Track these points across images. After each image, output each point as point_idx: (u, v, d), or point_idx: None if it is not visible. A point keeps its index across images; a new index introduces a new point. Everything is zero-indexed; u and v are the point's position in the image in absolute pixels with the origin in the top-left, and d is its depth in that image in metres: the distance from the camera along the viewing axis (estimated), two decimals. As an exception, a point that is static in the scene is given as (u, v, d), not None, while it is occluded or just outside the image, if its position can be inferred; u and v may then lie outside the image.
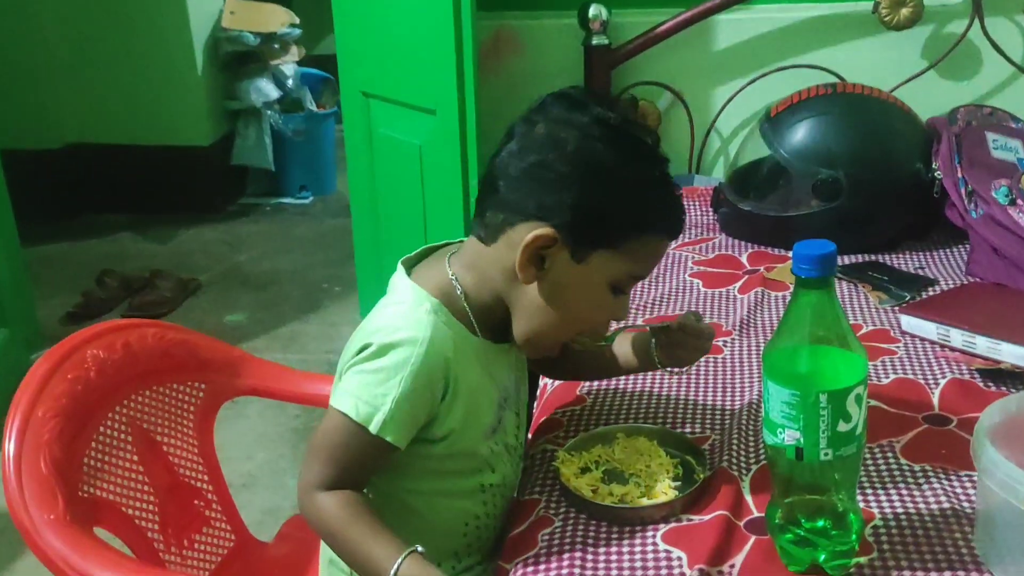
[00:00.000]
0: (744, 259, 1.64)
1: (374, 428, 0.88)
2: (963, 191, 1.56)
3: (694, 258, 1.65)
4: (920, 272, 1.55)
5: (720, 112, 2.06)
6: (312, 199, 4.04)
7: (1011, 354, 1.19)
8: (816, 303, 0.80)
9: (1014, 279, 1.43)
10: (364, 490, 0.92)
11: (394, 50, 1.99)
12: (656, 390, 1.21)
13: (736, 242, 1.71)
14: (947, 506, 0.94)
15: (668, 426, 1.12)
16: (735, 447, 1.05)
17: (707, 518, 0.94)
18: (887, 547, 0.89)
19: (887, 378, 1.21)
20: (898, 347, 1.29)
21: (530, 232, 0.90)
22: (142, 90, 3.70)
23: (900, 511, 0.94)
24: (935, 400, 1.15)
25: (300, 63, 4.01)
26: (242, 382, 1.24)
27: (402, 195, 2.07)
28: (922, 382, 1.20)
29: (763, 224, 1.67)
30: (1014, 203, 1.49)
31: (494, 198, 0.93)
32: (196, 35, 3.67)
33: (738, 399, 1.18)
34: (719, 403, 1.17)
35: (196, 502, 1.18)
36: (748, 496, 0.97)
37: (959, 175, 1.57)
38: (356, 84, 2.15)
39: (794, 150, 1.61)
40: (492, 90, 1.96)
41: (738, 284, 1.53)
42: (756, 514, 0.94)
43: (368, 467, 0.92)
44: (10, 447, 0.96)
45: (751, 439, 1.07)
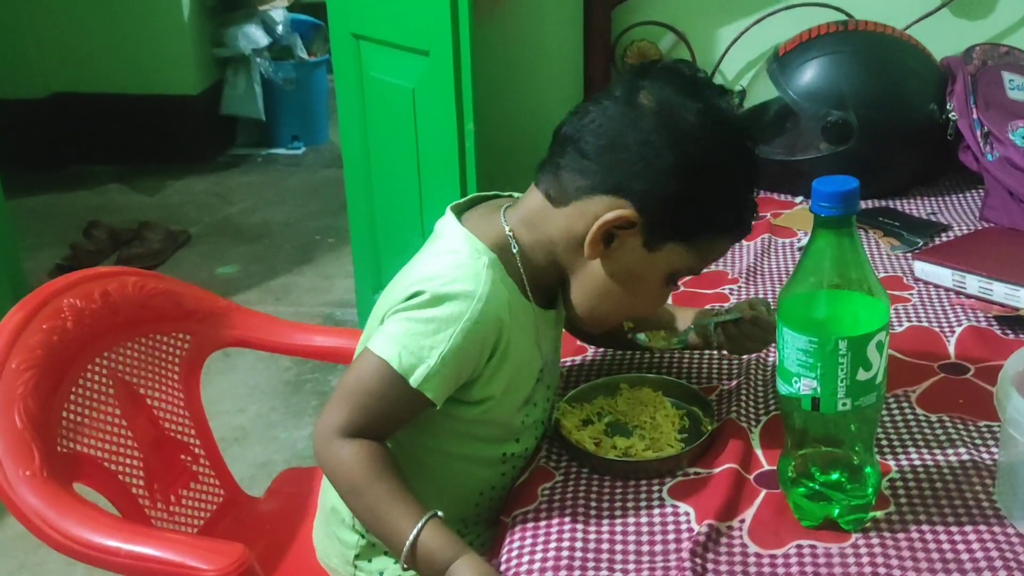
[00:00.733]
0: (750, 205, 1.58)
1: (415, 381, 0.83)
2: (978, 133, 1.50)
3: (698, 204, 1.59)
4: (932, 218, 1.50)
5: (725, 53, 1.98)
6: (304, 150, 3.96)
7: (1030, 301, 1.15)
8: (836, 244, 0.75)
9: (1031, 224, 1.38)
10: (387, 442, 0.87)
11: (385, -11, 1.90)
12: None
13: (741, 188, 1.65)
14: (966, 458, 0.90)
15: (673, 376, 1.07)
16: (743, 397, 1.01)
17: (715, 472, 0.90)
18: (904, 501, 0.85)
19: (900, 326, 1.16)
20: (911, 294, 1.25)
21: (611, 210, 0.85)
22: (128, 37, 3.60)
23: (917, 463, 0.90)
24: (951, 348, 1.10)
25: (290, 8, 3.90)
26: (229, 333, 1.19)
27: (395, 140, 2.00)
28: (937, 330, 1.15)
29: (770, 169, 1.58)
30: (1032, 145, 1.43)
31: (578, 161, 0.86)
32: (182, -21, 3.57)
33: (746, 348, 1.13)
34: (725, 353, 1.12)
35: (183, 457, 1.14)
36: (758, 448, 0.93)
37: (974, 116, 1.51)
38: (346, 26, 2.06)
39: (803, 91, 1.54)
40: (488, 30, 1.89)
41: (744, 231, 1.48)
42: (766, 467, 0.90)
43: (398, 420, 0.87)
44: (-18, 400, 0.91)
45: (760, 389, 1.03)
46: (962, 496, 0.85)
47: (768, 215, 1.53)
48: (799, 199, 1.59)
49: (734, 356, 1.11)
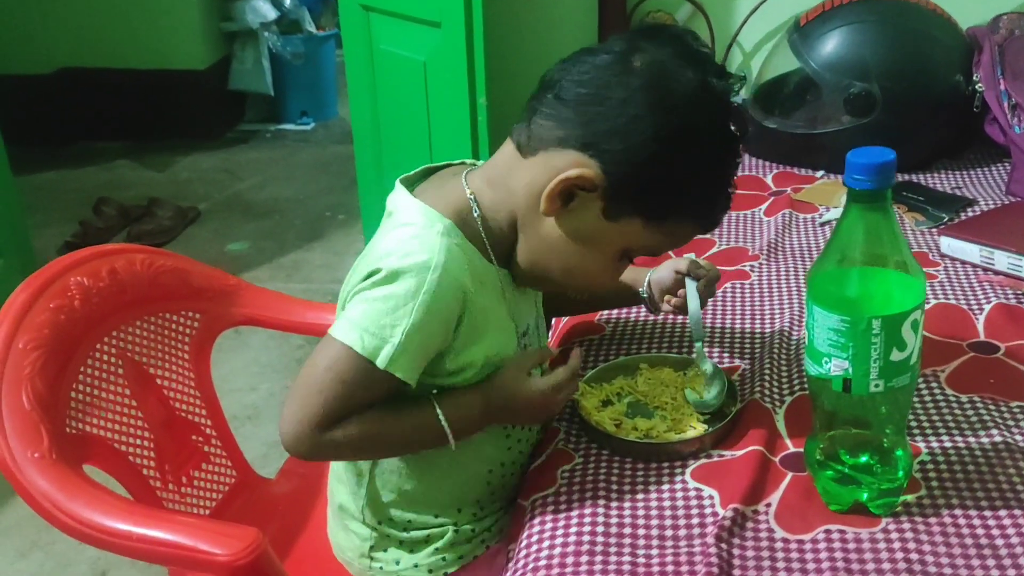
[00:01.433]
0: (769, 180, 1.55)
1: (382, 362, 0.80)
2: (1005, 105, 1.46)
3: (716, 179, 1.55)
4: (957, 192, 1.46)
5: (743, 24, 1.94)
6: (313, 125, 3.92)
7: (1062, 277, 1.11)
8: (871, 219, 0.71)
9: (1061, 198, 1.34)
10: None
11: (395, -41, 1.86)
12: (680, 317, 1.13)
13: (761, 162, 1.62)
14: (999, 439, 0.87)
15: (695, 355, 1.04)
16: (767, 377, 0.98)
17: (739, 454, 0.87)
18: (936, 484, 0.82)
19: (928, 304, 1.13)
20: (938, 271, 1.21)
21: (575, 166, 0.80)
22: (135, 11, 3.56)
23: (948, 446, 0.87)
24: (980, 326, 1.07)
25: (297, -19, 3.85)
26: (239, 311, 1.17)
27: (406, 115, 1.97)
28: (965, 307, 1.12)
29: (790, 142, 1.58)
30: (1062, 117, 1.39)
31: (555, 107, 0.81)
32: (189, -48, 3.52)
33: (768, 326, 1.11)
34: (748, 331, 1.10)
35: (194, 437, 1.12)
36: (783, 430, 0.91)
37: (1002, 88, 1.46)
38: (355, -3, 2.03)
39: (825, 62, 1.50)
40: (501, 3, 1.85)
41: (764, 206, 1.44)
42: (792, 449, 0.88)
43: (372, 401, 0.83)
44: (-11, 381, 0.89)
45: (783, 368, 1.00)
46: (995, 479, 0.82)
47: (789, 190, 1.49)
48: (820, 173, 1.55)
49: (756, 334, 1.09)
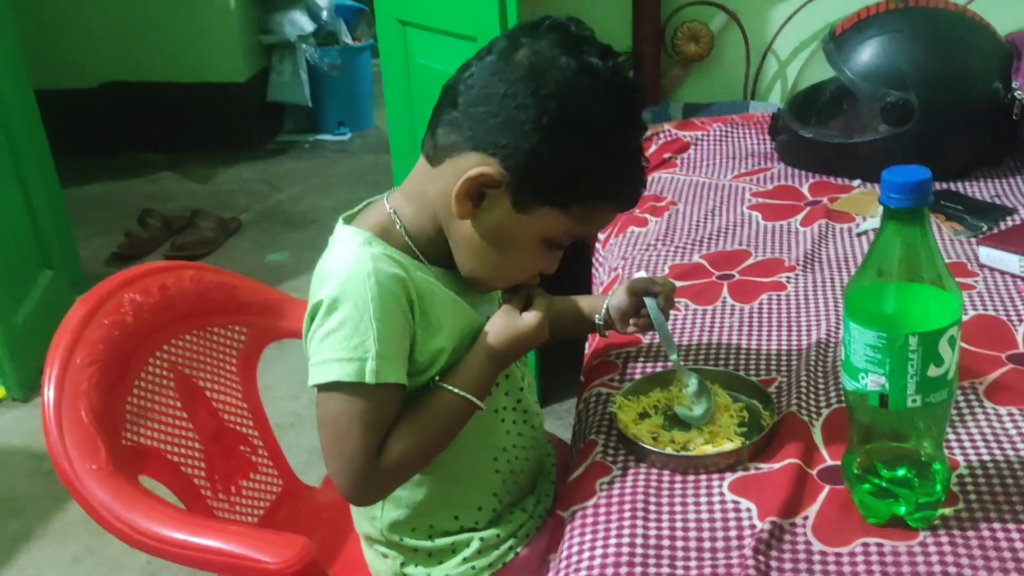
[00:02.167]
0: (805, 190, 1.55)
1: (371, 378, 0.81)
2: (1046, 112, 1.45)
3: (751, 189, 1.56)
4: (996, 201, 1.45)
5: (778, 33, 1.94)
6: (350, 135, 3.98)
7: (1103, 288, 1.11)
8: (907, 236, 0.72)
9: (1102, 207, 1.33)
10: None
11: (432, -26, 1.89)
12: (717, 329, 1.15)
13: (796, 172, 1.62)
14: (1038, 453, 0.87)
15: (731, 368, 1.06)
16: (804, 390, 0.99)
17: (776, 467, 0.88)
18: (974, 498, 0.83)
19: (966, 315, 1.13)
20: (976, 281, 1.21)
21: (476, 165, 0.82)
22: (176, 26, 3.64)
23: (987, 459, 0.87)
24: (1019, 338, 1.07)
25: (334, -6, 3.91)
26: (284, 324, 1.20)
27: (443, 128, 1.99)
28: (1004, 318, 1.12)
29: (826, 152, 1.58)
30: (1103, 124, 1.38)
31: (450, 115, 0.84)
32: (228, -33, 3.59)
33: (804, 338, 1.11)
34: (784, 343, 1.11)
35: (242, 448, 1.15)
36: (820, 443, 0.91)
37: (1041, 95, 1.46)
38: (392, 12, 2.06)
39: (861, 71, 1.50)
40: (535, 13, 1.87)
41: (800, 216, 1.45)
42: (829, 462, 0.89)
43: (394, 415, 0.86)
44: (49, 395, 0.93)
45: (820, 381, 1.01)
46: (1035, 493, 0.82)
47: (825, 200, 1.49)
48: (856, 182, 1.55)
49: (793, 346, 1.10)
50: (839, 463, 0.85)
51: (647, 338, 1.13)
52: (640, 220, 1.49)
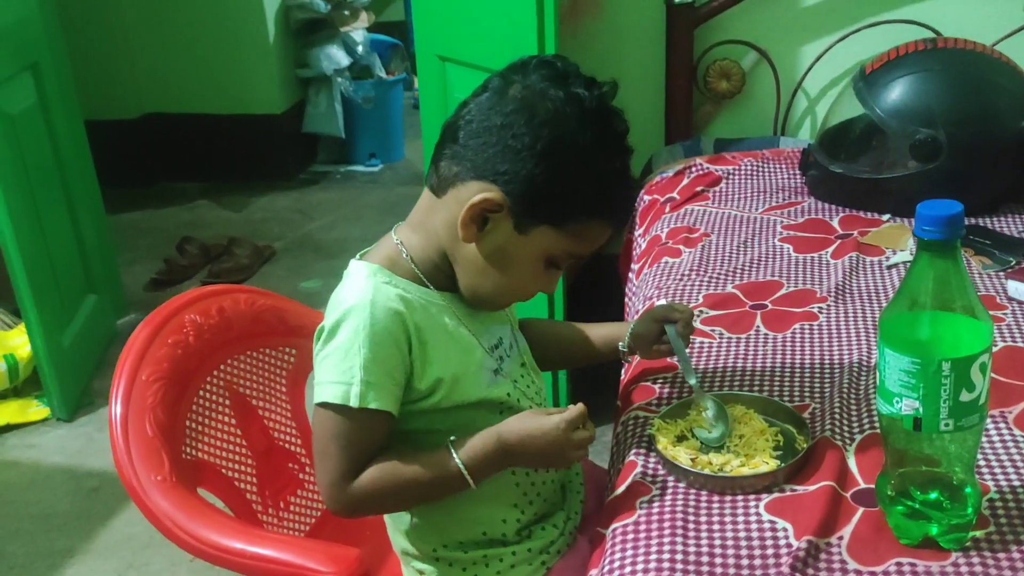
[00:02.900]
0: (835, 223, 1.59)
1: (355, 402, 0.88)
2: (1072, 150, 1.48)
3: (783, 222, 1.60)
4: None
5: (808, 71, 1.99)
6: (381, 167, 4.05)
7: None
8: (940, 267, 0.76)
9: None
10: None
11: (472, 13, 1.96)
12: (751, 357, 1.18)
13: (826, 206, 1.66)
14: (1068, 480, 0.90)
15: (765, 394, 1.09)
16: (837, 416, 1.02)
17: (812, 489, 0.91)
18: (1004, 521, 0.85)
19: (995, 347, 1.16)
20: (1005, 314, 1.24)
21: (479, 192, 0.89)
22: (216, 60, 3.74)
23: (1017, 484, 0.90)
24: (1048, 369, 1.10)
25: (369, 29, 4.00)
26: (332, 347, 1.24)
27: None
28: (1033, 350, 1.14)
29: (855, 187, 1.62)
30: None
31: (452, 149, 0.92)
32: (268, 4, 3.69)
33: (837, 367, 1.14)
34: (817, 371, 1.14)
35: (290, 465, 1.20)
36: (854, 466, 0.94)
37: (1068, 133, 1.49)
38: (431, 48, 2.13)
39: (891, 109, 1.55)
40: (569, 53, 1.92)
41: (831, 249, 1.48)
42: (863, 485, 0.92)
43: (376, 441, 0.91)
44: (117, 410, 0.98)
45: (853, 407, 1.04)
46: (1064, 518, 0.85)
47: (855, 233, 1.53)
48: (886, 217, 1.59)
49: (826, 374, 1.13)
50: (872, 486, 0.88)
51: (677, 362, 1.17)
52: (674, 251, 1.54)
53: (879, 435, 0.89)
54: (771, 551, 0.84)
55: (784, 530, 0.87)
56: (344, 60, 3.84)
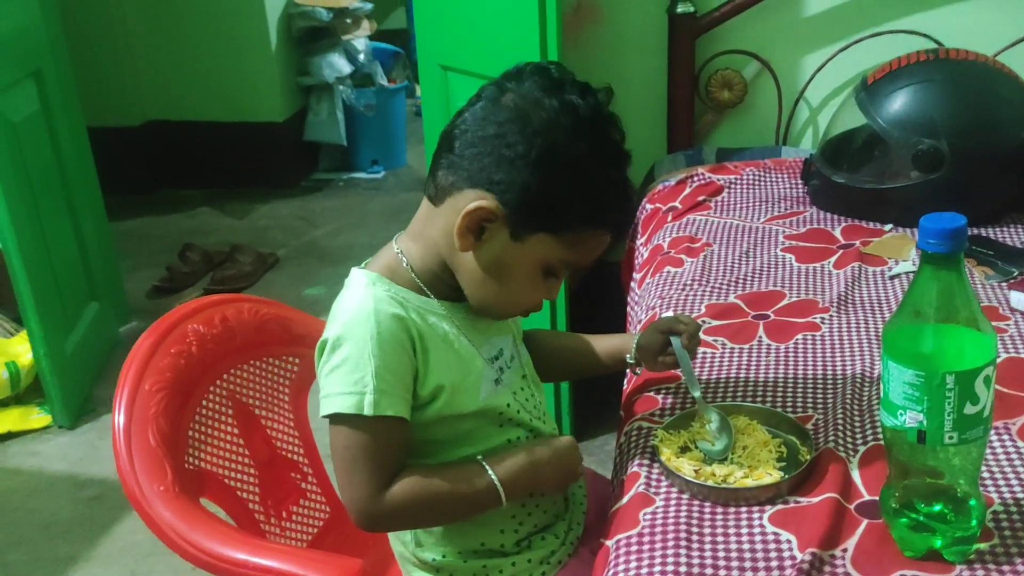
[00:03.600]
0: (838, 233, 1.59)
1: (369, 410, 0.87)
2: (1075, 161, 1.48)
3: (785, 232, 1.60)
4: (1027, 246, 1.48)
5: (809, 81, 1.99)
6: (384, 173, 4.06)
7: None
8: (943, 280, 0.76)
9: None
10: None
11: (473, 22, 1.96)
12: (754, 367, 1.18)
13: (828, 216, 1.66)
14: (1072, 492, 0.89)
15: (768, 405, 1.09)
16: (840, 427, 1.02)
17: (815, 500, 0.91)
18: (1008, 533, 0.85)
19: (998, 358, 1.15)
20: (1008, 324, 1.24)
21: (474, 201, 0.88)
22: (218, 68, 3.76)
23: (1021, 496, 0.90)
24: (1052, 381, 1.10)
25: (371, 37, 4.01)
26: (334, 357, 1.24)
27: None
28: (1036, 362, 1.14)
29: (858, 197, 1.62)
30: None
31: (448, 158, 0.92)
32: (270, 12, 3.71)
33: (840, 378, 1.14)
34: (820, 382, 1.14)
35: (293, 475, 1.20)
36: (857, 478, 0.94)
37: (1071, 144, 1.49)
38: (434, 57, 2.13)
39: (893, 119, 1.55)
40: (571, 61, 1.93)
41: (833, 259, 1.48)
42: (867, 497, 0.92)
43: (398, 448, 0.91)
44: (120, 419, 0.98)
45: (856, 419, 1.04)
46: (1069, 530, 0.85)
47: (857, 243, 1.53)
48: (888, 227, 1.59)
49: (828, 385, 1.13)
50: (876, 498, 0.88)
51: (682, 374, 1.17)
52: (676, 261, 1.54)
53: (883, 447, 0.89)
54: (775, 563, 0.84)
55: (788, 542, 0.87)
56: (346, 68, 3.85)
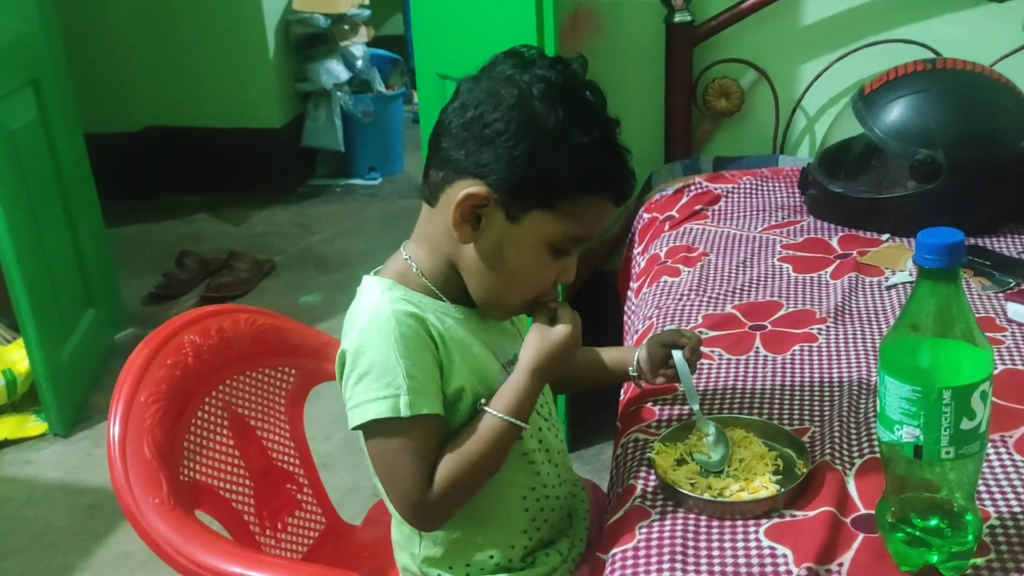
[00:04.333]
0: (835, 243, 1.59)
1: (406, 412, 0.87)
2: (1071, 171, 1.48)
3: (782, 242, 1.60)
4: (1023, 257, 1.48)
5: (807, 90, 1.99)
6: (381, 180, 4.05)
7: None
8: (941, 295, 0.76)
9: None
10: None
11: (471, 31, 1.96)
12: (750, 378, 1.18)
13: (826, 225, 1.66)
14: (1069, 506, 0.89)
15: (765, 417, 1.09)
16: (837, 440, 1.02)
17: (811, 514, 0.91)
18: (1005, 548, 0.85)
19: (995, 370, 1.15)
20: (1005, 336, 1.24)
21: (463, 190, 0.88)
22: (216, 74, 3.76)
23: (1017, 510, 0.90)
24: (1049, 393, 1.10)
25: (368, 44, 4.02)
26: (330, 367, 1.23)
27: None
28: (1033, 374, 1.14)
29: (855, 206, 1.62)
30: None
31: (436, 156, 0.92)
32: (268, 18, 3.71)
33: (836, 389, 1.14)
34: (817, 394, 1.14)
35: (288, 486, 1.19)
36: (854, 492, 0.94)
37: (1067, 154, 1.49)
38: (432, 66, 2.13)
39: (890, 129, 1.55)
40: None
41: (830, 269, 1.48)
42: (863, 511, 0.91)
43: (438, 445, 0.91)
44: (115, 431, 0.98)
45: (853, 432, 1.04)
46: (1066, 545, 0.84)
47: (854, 253, 1.53)
48: (885, 236, 1.59)
49: (825, 396, 1.13)
50: (872, 512, 0.88)
51: (681, 387, 1.16)
52: (672, 270, 1.54)
53: (879, 459, 0.89)
54: (771, 578, 0.84)
55: (784, 556, 0.86)
56: (344, 74, 3.85)
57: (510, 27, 1.81)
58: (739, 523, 0.92)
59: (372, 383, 0.87)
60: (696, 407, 1.03)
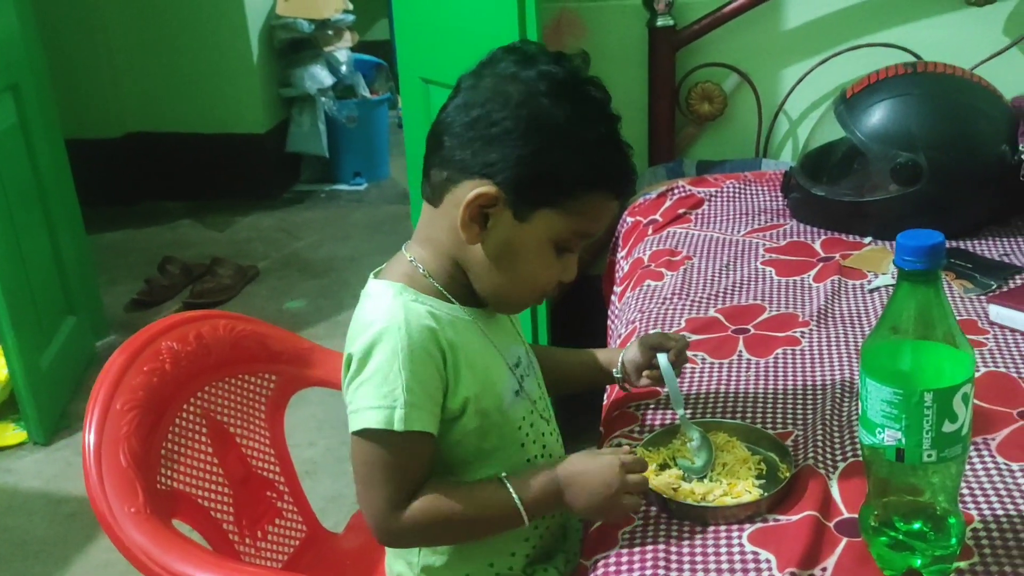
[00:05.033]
0: (817, 246, 1.59)
1: (399, 426, 0.86)
2: (1052, 174, 1.49)
3: (765, 245, 1.60)
4: (1005, 259, 1.49)
5: (789, 94, 2.00)
6: (366, 185, 4.04)
7: (1112, 347, 1.13)
8: (921, 297, 0.76)
9: (1109, 267, 1.36)
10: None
11: (454, 35, 1.96)
12: (733, 382, 1.17)
13: (808, 228, 1.66)
14: (1051, 508, 0.89)
15: (748, 421, 1.08)
16: (820, 443, 1.01)
17: (795, 519, 0.91)
18: (988, 551, 0.85)
19: (977, 372, 1.15)
20: (987, 339, 1.24)
21: (472, 190, 0.87)
22: (199, 79, 3.74)
23: (1000, 513, 0.89)
24: (1030, 395, 1.10)
25: (353, 49, 4.01)
26: (312, 373, 1.23)
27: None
28: (1015, 375, 1.14)
29: (837, 210, 1.62)
30: (1108, 186, 1.42)
31: (438, 155, 0.90)
32: (252, 24, 3.70)
33: (819, 393, 1.14)
34: (799, 397, 1.13)
35: (268, 493, 1.18)
36: (837, 496, 0.94)
37: (1047, 157, 1.50)
38: (415, 70, 2.13)
39: (872, 133, 1.55)
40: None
41: (813, 272, 1.48)
42: (846, 515, 0.91)
43: (422, 465, 0.90)
44: (90, 439, 0.96)
45: (836, 435, 1.04)
46: (1048, 547, 0.84)
47: (837, 256, 1.53)
48: (868, 239, 1.59)
49: (808, 400, 1.12)
50: (856, 516, 0.88)
51: (665, 390, 1.16)
52: (656, 274, 1.53)
53: (862, 463, 0.88)
54: (754, 583, 0.84)
55: (767, 562, 0.86)
56: (328, 80, 3.84)
57: (493, 31, 1.81)
58: (722, 528, 0.91)
59: (372, 390, 0.86)
60: (681, 411, 1.03)
